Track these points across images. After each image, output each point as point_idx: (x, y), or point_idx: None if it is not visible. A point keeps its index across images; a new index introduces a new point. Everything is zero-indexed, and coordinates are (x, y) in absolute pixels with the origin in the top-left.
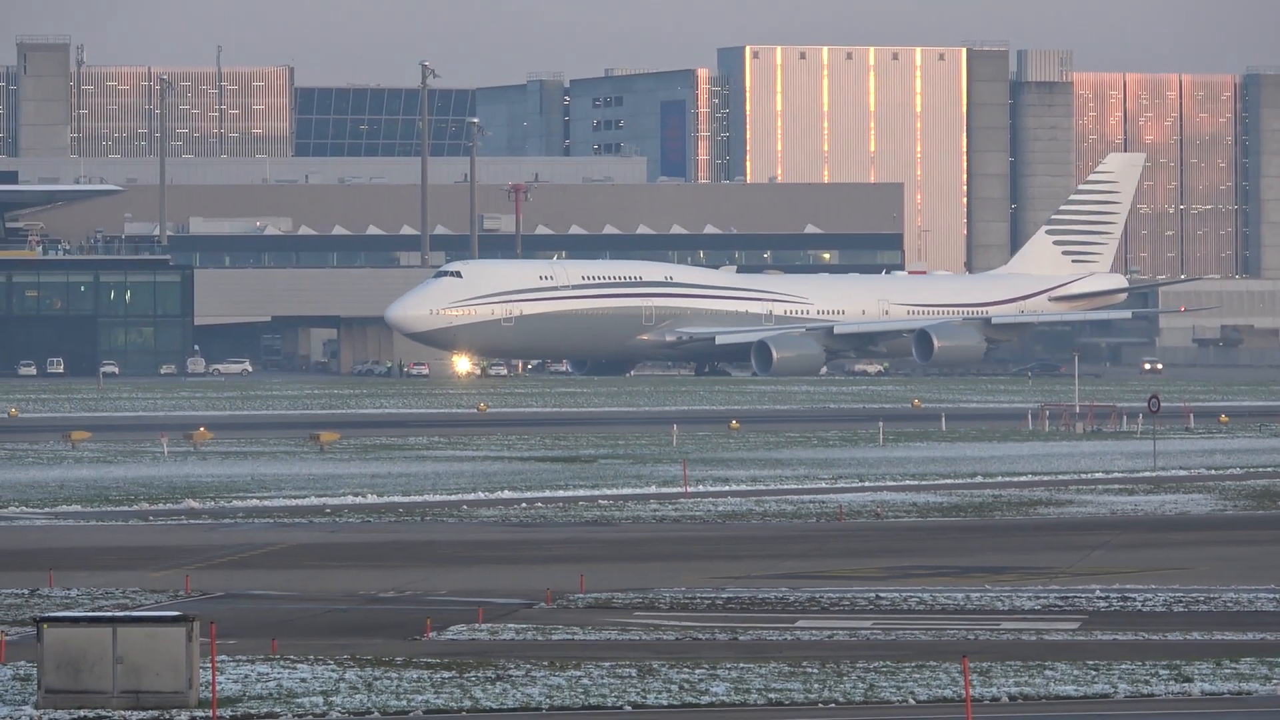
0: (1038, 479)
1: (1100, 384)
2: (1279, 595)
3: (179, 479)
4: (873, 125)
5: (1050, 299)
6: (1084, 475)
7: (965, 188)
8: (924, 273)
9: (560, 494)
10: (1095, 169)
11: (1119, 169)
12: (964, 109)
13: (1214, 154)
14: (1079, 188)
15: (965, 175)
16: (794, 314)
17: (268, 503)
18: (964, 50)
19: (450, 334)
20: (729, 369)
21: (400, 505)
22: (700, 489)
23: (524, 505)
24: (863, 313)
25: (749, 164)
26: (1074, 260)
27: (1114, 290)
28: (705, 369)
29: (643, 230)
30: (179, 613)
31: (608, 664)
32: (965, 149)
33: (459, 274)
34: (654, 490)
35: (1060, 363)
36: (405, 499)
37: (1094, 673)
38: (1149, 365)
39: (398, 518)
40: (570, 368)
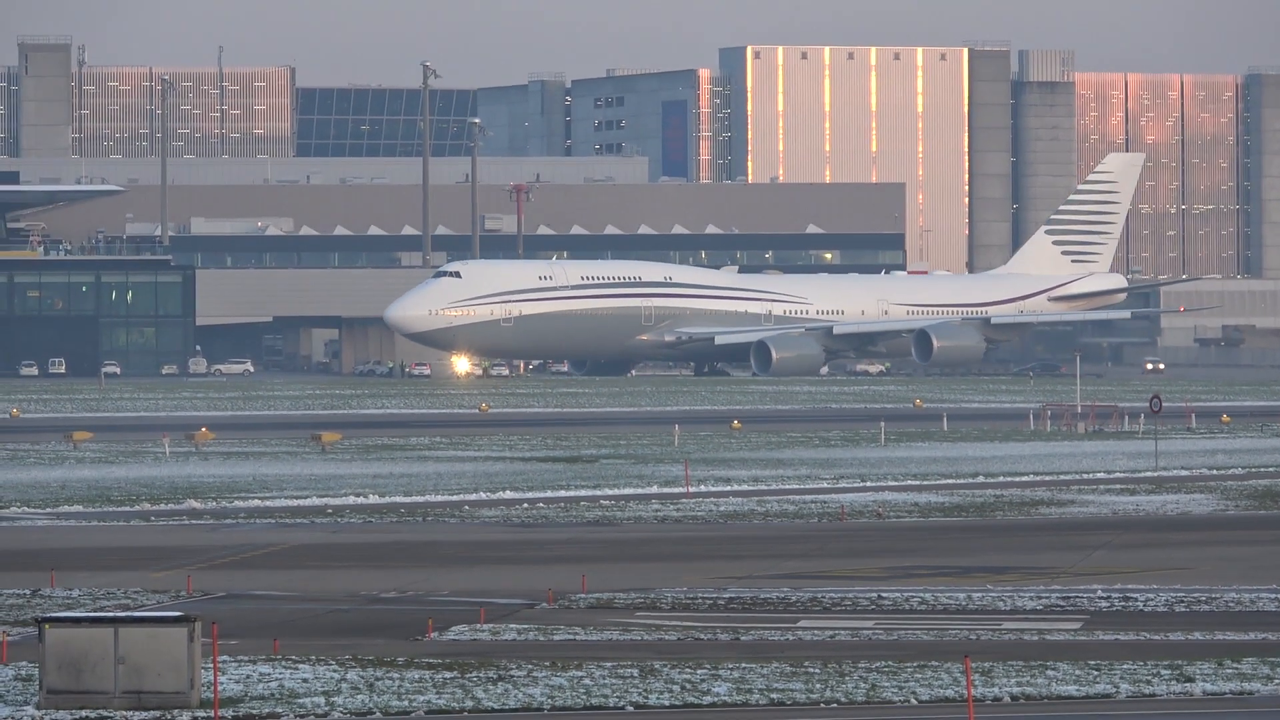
0: (1039, 479)
1: (1102, 384)
2: None
3: (180, 479)
4: (874, 125)
5: (1050, 299)
6: (1086, 475)
7: (967, 188)
8: (924, 273)
9: (562, 494)
10: (1095, 169)
11: (1118, 169)
12: (965, 109)
13: (1216, 154)
14: (1078, 188)
15: (967, 175)
16: (793, 314)
17: (269, 503)
18: (965, 50)
19: (449, 334)
20: (728, 369)
21: (402, 506)
22: (702, 489)
23: (526, 505)
24: (862, 313)
25: (750, 164)
26: (1073, 260)
27: (1113, 290)
28: (705, 369)
29: (644, 230)
30: (181, 613)
31: (609, 664)
32: (967, 149)
33: (458, 274)
34: (656, 490)
35: (1061, 363)
36: (407, 499)
37: (1096, 673)
38: (1151, 365)
39: (399, 518)
40: (569, 368)
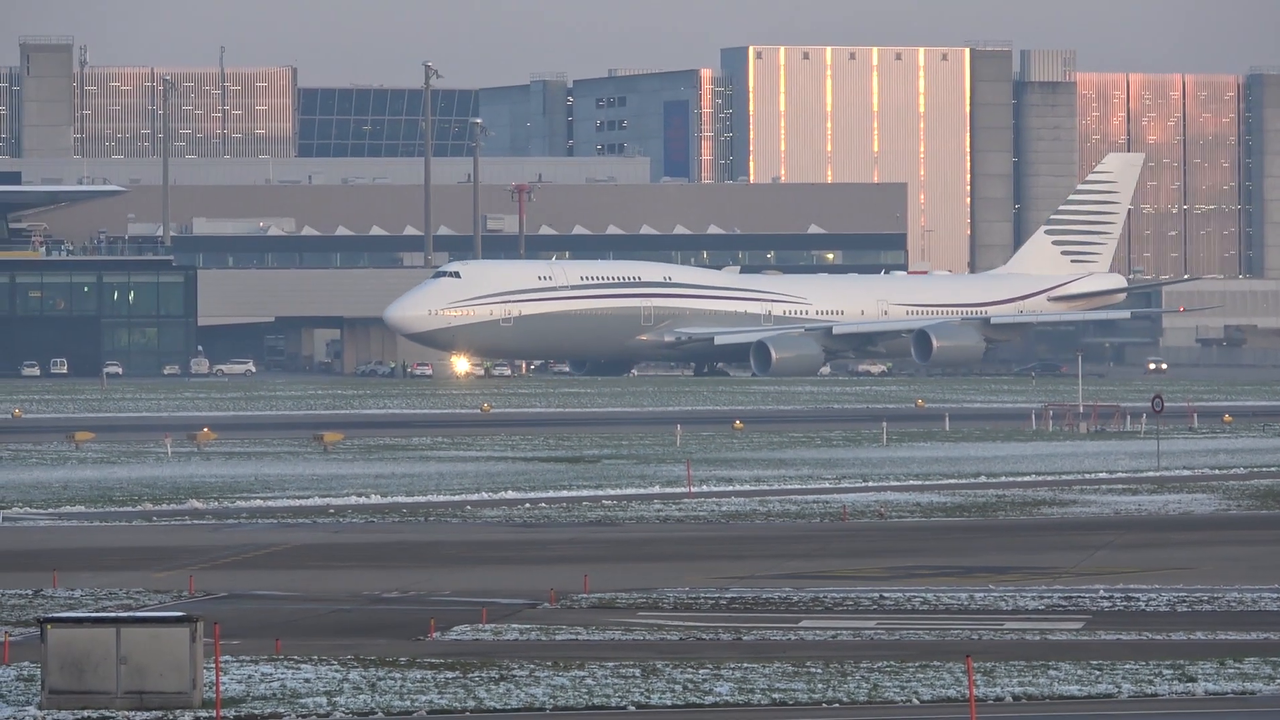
0: (1041, 479)
1: (1104, 384)
2: None
3: (182, 479)
4: (876, 125)
5: (1049, 299)
6: (1087, 475)
7: (968, 188)
8: (924, 273)
9: (564, 494)
10: (1094, 169)
11: (1118, 169)
12: (967, 109)
13: (1217, 154)
14: (1078, 188)
15: (968, 175)
16: (793, 314)
17: (271, 503)
18: (967, 50)
19: (449, 334)
20: (728, 369)
21: (404, 506)
22: (704, 489)
23: (528, 505)
24: (862, 313)
25: (752, 164)
26: (1073, 260)
27: (1113, 290)
28: (704, 369)
29: (646, 231)
30: (183, 613)
31: (611, 664)
32: (968, 149)
33: (458, 274)
34: (658, 490)
35: (1062, 363)
36: (409, 499)
37: (1098, 673)
38: (1154, 365)
39: (401, 518)
40: (569, 368)
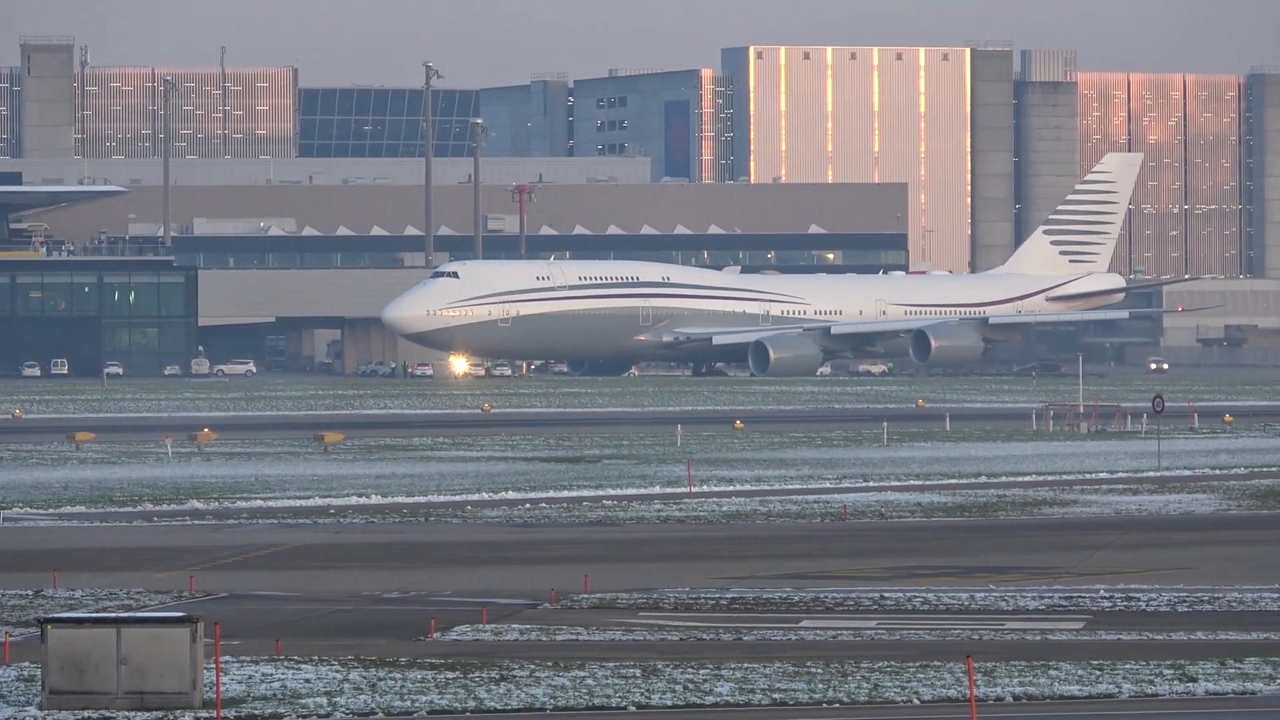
0: (1042, 479)
1: (1104, 384)
2: None
3: (183, 480)
4: (877, 125)
5: (1048, 299)
6: (1088, 475)
7: (969, 188)
8: (922, 273)
9: (564, 494)
10: (1093, 169)
11: (1116, 169)
12: (968, 109)
13: (1218, 154)
14: (1076, 187)
15: (969, 175)
16: (791, 314)
17: (272, 503)
18: (968, 50)
19: (447, 334)
20: (726, 369)
21: (404, 506)
22: (705, 489)
23: (528, 506)
24: (860, 313)
25: (753, 164)
26: (1071, 260)
27: (1111, 290)
28: (702, 369)
29: (647, 231)
30: (183, 614)
31: (612, 664)
32: (969, 149)
33: (456, 274)
34: (658, 490)
35: (1062, 362)
36: (409, 500)
37: (1098, 673)
38: (1155, 365)
39: (402, 518)
40: (567, 368)
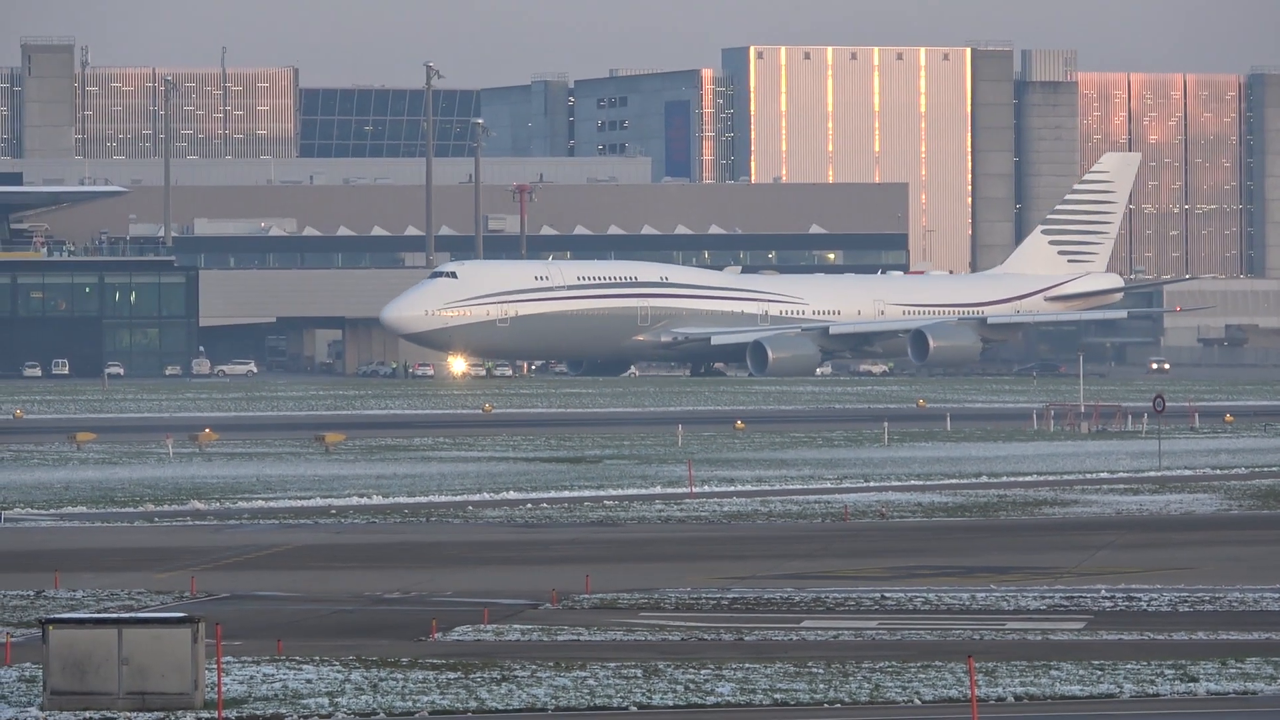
0: (1043, 479)
1: (1105, 384)
2: None
3: (184, 480)
4: (877, 125)
5: (1046, 299)
6: (1089, 475)
7: (970, 187)
8: (921, 273)
9: (565, 494)
10: (1091, 168)
11: (1114, 168)
12: (968, 109)
13: (1218, 154)
14: (1074, 187)
15: (970, 175)
16: (789, 314)
17: (273, 504)
18: (968, 50)
19: (445, 335)
20: (725, 369)
21: (405, 506)
22: (705, 489)
23: (529, 506)
24: (858, 313)
25: (754, 164)
26: (1070, 260)
27: (1109, 290)
28: (701, 369)
29: (647, 231)
30: (184, 614)
31: (613, 665)
32: (970, 149)
33: (454, 275)
34: (659, 491)
35: (1062, 362)
36: (410, 500)
37: (1099, 673)
38: (1156, 365)
39: (403, 519)
40: (566, 368)
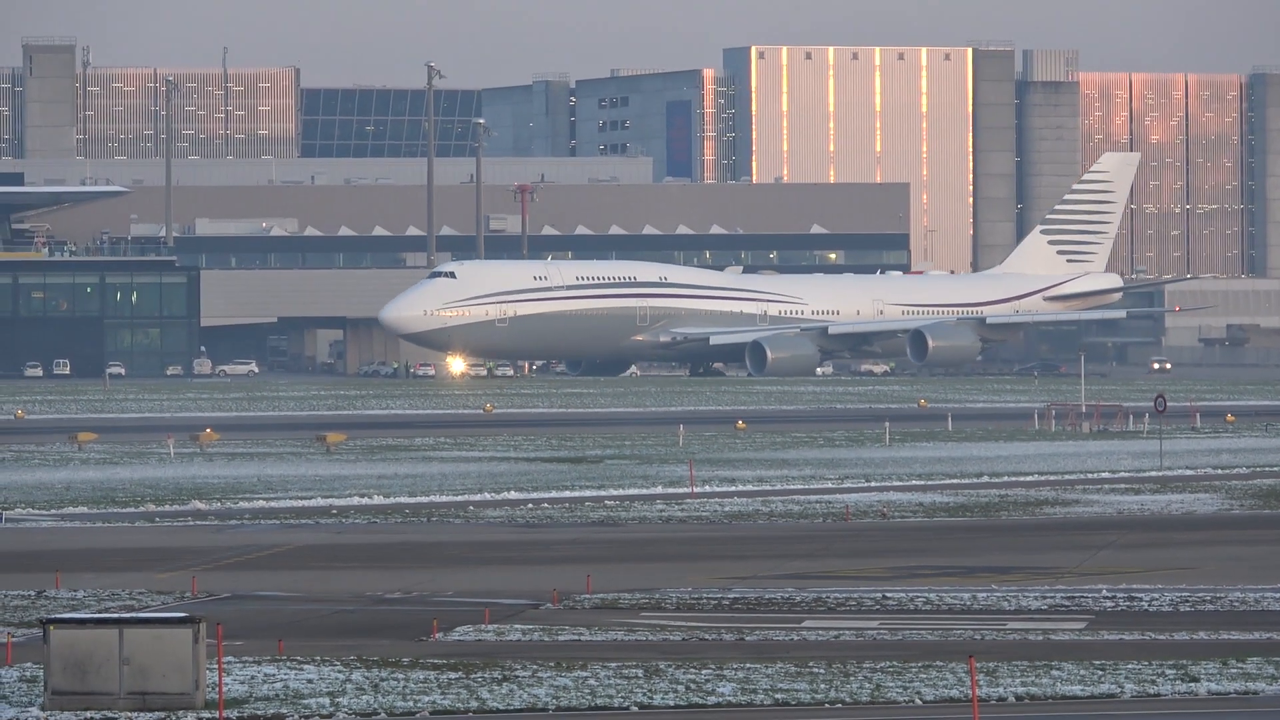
0: (1044, 479)
1: (1106, 384)
2: None
3: (185, 480)
4: (878, 125)
5: (1045, 299)
6: (1090, 475)
7: (971, 187)
8: (920, 273)
9: (566, 494)
10: (1090, 168)
11: (1113, 168)
12: (970, 109)
13: (1220, 154)
14: (1073, 187)
15: (971, 175)
16: (788, 314)
17: (274, 504)
18: (970, 50)
19: (444, 335)
20: (724, 369)
21: (406, 506)
22: (706, 489)
23: (530, 506)
24: (857, 313)
25: (755, 164)
26: (1069, 260)
27: (1109, 290)
28: (700, 369)
29: (649, 231)
30: (185, 614)
31: (614, 665)
32: (971, 149)
33: (453, 275)
34: (660, 491)
35: (1062, 362)
36: (411, 500)
37: (1100, 673)
38: (1158, 365)
39: (404, 519)
40: (565, 368)
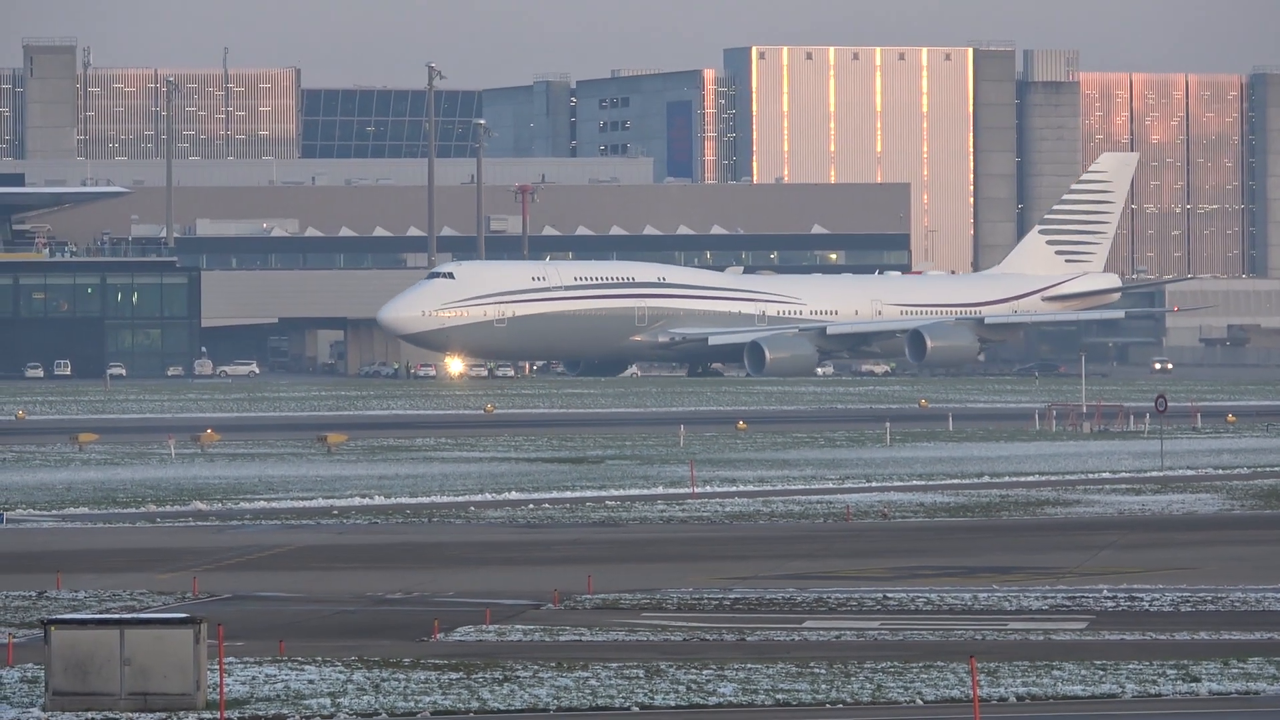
0: (1045, 479)
1: (1107, 384)
2: None
3: (186, 481)
4: (879, 125)
5: (1044, 299)
6: (1091, 475)
7: (972, 188)
8: (919, 273)
9: (567, 495)
10: (1088, 168)
11: (1112, 168)
12: (970, 109)
13: (1220, 154)
14: (1072, 187)
15: (972, 175)
16: (787, 314)
17: (275, 504)
18: (970, 50)
19: (443, 335)
20: (722, 369)
21: (407, 507)
22: (707, 489)
23: (531, 506)
24: (856, 313)
25: (755, 164)
26: (1067, 260)
27: (1107, 290)
28: (698, 370)
29: (649, 231)
30: (186, 614)
31: (615, 665)
32: (972, 149)
33: (452, 275)
34: (661, 491)
35: (1062, 362)
36: (412, 500)
37: (1101, 673)
38: (1159, 365)
39: (405, 519)
40: (563, 368)
